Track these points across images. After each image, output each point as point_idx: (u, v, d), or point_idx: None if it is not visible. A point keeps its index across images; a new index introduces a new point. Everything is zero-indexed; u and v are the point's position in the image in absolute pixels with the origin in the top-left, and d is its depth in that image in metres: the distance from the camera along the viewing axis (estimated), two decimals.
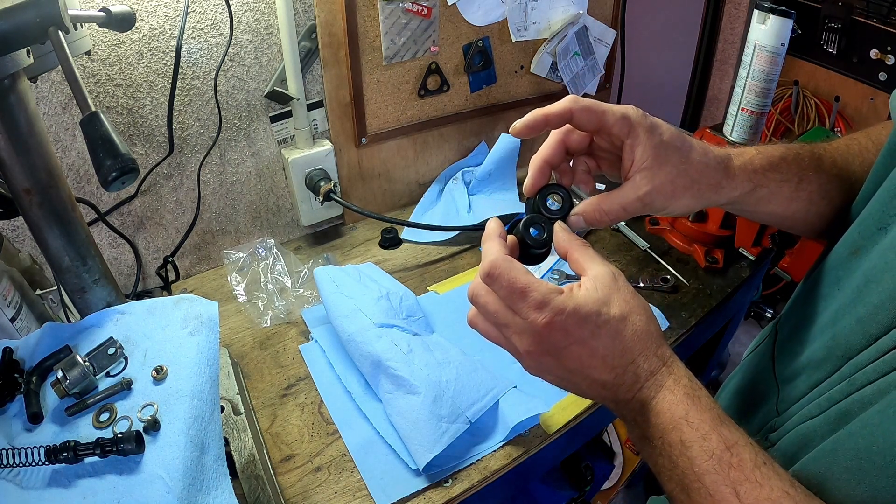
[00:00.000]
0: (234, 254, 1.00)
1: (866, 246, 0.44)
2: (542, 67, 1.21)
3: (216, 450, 0.53)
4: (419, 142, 1.16)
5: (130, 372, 0.55)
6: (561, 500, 1.24)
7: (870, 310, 0.40)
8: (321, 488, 0.69)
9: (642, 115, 0.45)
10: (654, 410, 0.41)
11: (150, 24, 0.81)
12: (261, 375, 0.83)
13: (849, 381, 0.40)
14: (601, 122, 0.45)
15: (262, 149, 1.01)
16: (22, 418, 0.51)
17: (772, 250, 0.98)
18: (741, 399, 0.60)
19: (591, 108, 0.44)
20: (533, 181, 0.48)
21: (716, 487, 0.37)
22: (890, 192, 0.43)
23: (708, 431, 0.39)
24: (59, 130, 0.81)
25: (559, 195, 0.48)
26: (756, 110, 0.91)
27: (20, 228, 0.84)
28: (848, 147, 0.54)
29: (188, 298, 0.62)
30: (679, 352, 0.93)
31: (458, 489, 0.68)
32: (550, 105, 0.45)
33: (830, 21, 1.33)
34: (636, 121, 0.44)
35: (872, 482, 0.35)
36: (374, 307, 0.81)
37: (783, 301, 1.79)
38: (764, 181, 0.49)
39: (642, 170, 0.45)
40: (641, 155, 0.44)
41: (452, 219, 1.11)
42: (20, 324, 0.64)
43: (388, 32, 1.00)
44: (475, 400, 0.72)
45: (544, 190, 0.48)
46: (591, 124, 0.45)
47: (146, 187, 0.93)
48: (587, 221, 0.47)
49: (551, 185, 0.48)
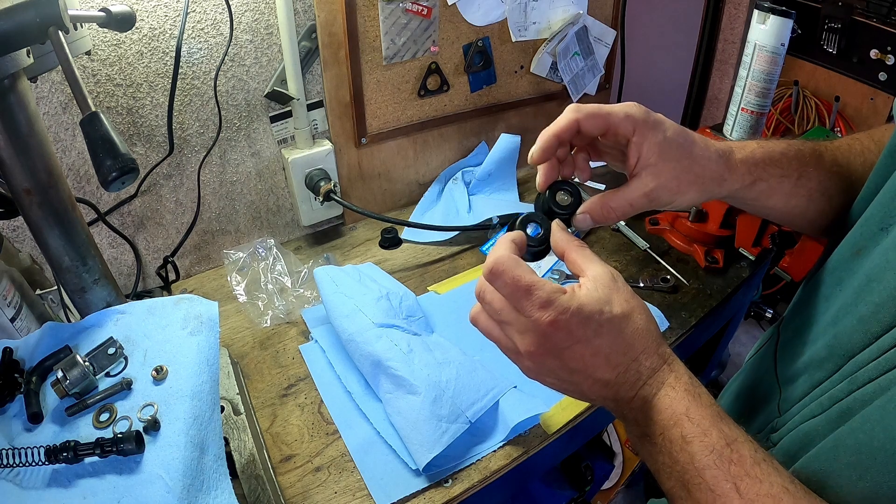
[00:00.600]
0: (234, 254, 1.00)
1: (868, 246, 0.44)
2: (542, 67, 1.21)
3: (216, 450, 0.53)
4: (419, 142, 1.16)
5: (130, 372, 0.55)
6: (561, 500, 1.24)
7: (871, 308, 0.40)
8: (321, 488, 0.69)
9: (645, 112, 0.46)
10: (655, 407, 0.41)
11: (150, 24, 0.81)
12: (261, 375, 0.83)
13: (850, 379, 0.41)
14: (607, 124, 0.46)
15: (262, 149, 1.01)
16: (22, 418, 0.51)
17: (772, 250, 0.98)
18: (743, 400, 0.60)
19: (595, 113, 0.45)
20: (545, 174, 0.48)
21: (716, 482, 0.37)
22: (892, 192, 0.43)
23: (708, 427, 0.39)
24: (59, 130, 0.81)
25: (568, 191, 0.48)
26: (756, 110, 0.91)
27: (20, 228, 0.84)
28: (850, 146, 0.55)
29: (188, 298, 0.62)
30: (679, 352, 0.93)
31: (458, 489, 0.68)
32: (555, 122, 0.46)
33: (830, 21, 1.33)
34: (640, 119, 0.45)
35: (873, 477, 0.35)
36: (374, 307, 0.81)
37: (783, 301, 1.79)
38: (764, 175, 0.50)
39: (648, 166, 0.46)
40: (647, 152, 0.45)
41: (452, 219, 1.11)
42: (20, 324, 0.64)
43: (388, 32, 1.00)
44: (475, 400, 0.72)
45: (554, 186, 0.48)
46: (598, 129, 0.46)
47: (146, 187, 0.93)
48: (594, 219, 0.47)
49: (561, 181, 0.49)
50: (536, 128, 0.47)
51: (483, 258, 1.06)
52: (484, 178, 1.18)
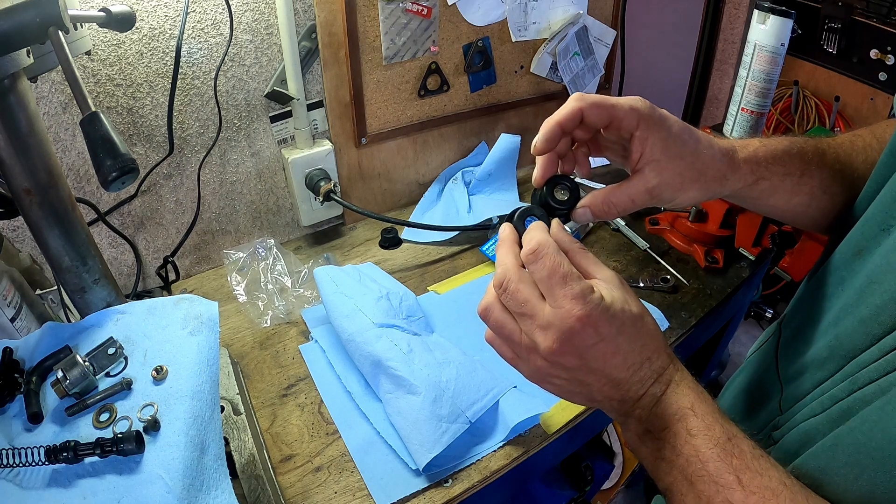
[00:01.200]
0: (234, 254, 1.00)
1: (869, 247, 0.44)
2: (542, 67, 1.21)
3: (216, 450, 0.53)
4: (419, 142, 1.16)
5: (130, 372, 0.55)
6: (561, 500, 1.24)
7: (872, 310, 0.40)
8: (321, 488, 0.69)
9: (650, 106, 0.45)
10: (662, 404, 0.42)
11: (150, 24, 0.81)
12: (261, 375, 0.83)
13: (851, 379, 0.41)
14: (611, 116, 0.45)
15: (262, 149, 1.01)
16: (22, 418, 0.51)
17: (772, 250, 0.98)
18: (745, 398, 0.60)
19: (599, 103, 0.45)
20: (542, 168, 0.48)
21: (720, 474, 0.38)
22: (893, 193, 0.43)
23: (712, 422, 0.40)
24: (59, 130, 0.81)
25: (567, 187, 0.48)
26: (756, 110, 0.91)
27: (20, 228, 0.84)
28: (852, 143, 0.55)
29: (188, 298, 0.62)
30: (679, 352, 0.93)
31: (458, 489, 0.68)
32: (559, 110, 0.46)
33: (830, 21, 1.33)
34: (645, 113, 0.45)
35: (870, 476, 0.36)
36: (374, 307, 0.81)
37: (783, 301, 1.79)
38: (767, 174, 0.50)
39: (651, 162, 0.45)
40: (650, 148, 0.45)
41: (452, 219, 1.11)
42: (20, 324, 0.64)
43: (388, 32, 1.00)
44: (475, 400, 0.72)
45: (552, 181, 0.48)
46: (602, 120, 0.45)
47: (146, 187, 0.93)
48: (594, 213, 0.47)
49: (559, 176, 0.48)
50: (536, 128, 0.46)
51: (483, 258, 1.06)
52: (484, 178, 1.18)
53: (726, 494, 0.37)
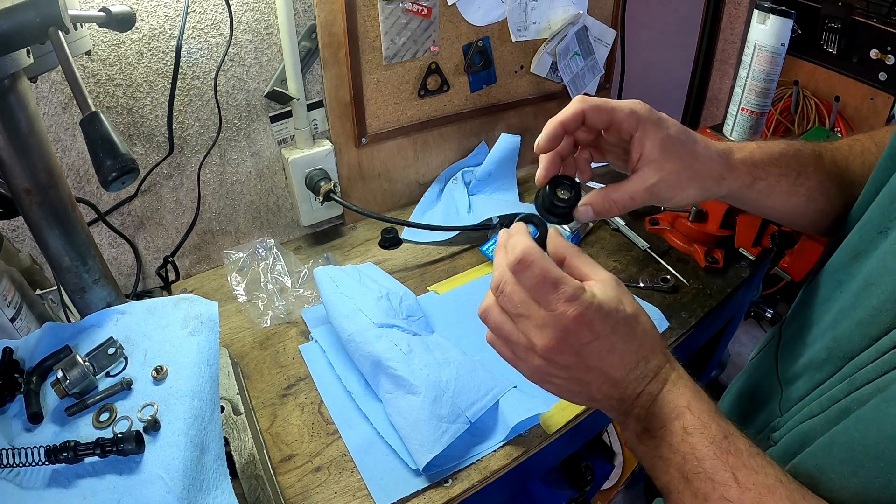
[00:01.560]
0: (234, 254, 1.00)
1: (867, 250, 0.45)
2: (542, 67, 1.21)
3: (216, 450, 0.53)
4: (419, 142, 1.16)
5: (130, 372, 0.55)
6: (561, 500, 1.24)
7: (870, 312, 0.41)
8: (321, 488, 0.69)
9: (649, 109, 0.47)
10: (659, 402, 0.42)
11: (150, 24, 0.81)
12: (261, 375, 0.83)
13: (849, 380, 0.41)
14: (611, 118, 0.47)
15: (262, 149, 1.01)
16: (22, 418, 0.51)
17: (772, 250, 0.98)
18: (745, 400, 0.60)
19: (600, 106, 0.47)
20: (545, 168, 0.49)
21: (716, 471, 0.38)
22: (891, 196, 0.44)
23: (708, 421, 0.40)
24: (59, 130, 0.81)
25: (569, 186, 0.49)
26: (756, 110, 0.91)
27: (20, 228, 0.84)
28: (850, 147, 0.55)
29: (188, 298, 0.62)
30: (679, 352, 0.94)
31: (458, 489, 0.68)
32: (562, 111, 0.47)
33: (830, 21, 1.33)
34: (644, 116, 0.46)
35: (865, 474, 0.36)
36: (374, 307, 0.81)
37: (783, 301, 1.79)
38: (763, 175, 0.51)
39: (650, 162, 0.47)
40: (650, 148, 0.47)
41: (452, 219, 1.11)
42: (20, 324, 0.64)
43: (388, 32, 1.00)
44: (475, 400, 0.72)
45: (554, 180, 0.49)
46: (602, 122, 0.47)
47: (146, 187, 0.93)
48: (595, 211, 0.48)
49: (561, 175, 0.49)
50: (536, 128, 0.47)
51: (483, 258, 1.06)
52: (484, 178, 1.18)
53: (722, 491, 0.37)
